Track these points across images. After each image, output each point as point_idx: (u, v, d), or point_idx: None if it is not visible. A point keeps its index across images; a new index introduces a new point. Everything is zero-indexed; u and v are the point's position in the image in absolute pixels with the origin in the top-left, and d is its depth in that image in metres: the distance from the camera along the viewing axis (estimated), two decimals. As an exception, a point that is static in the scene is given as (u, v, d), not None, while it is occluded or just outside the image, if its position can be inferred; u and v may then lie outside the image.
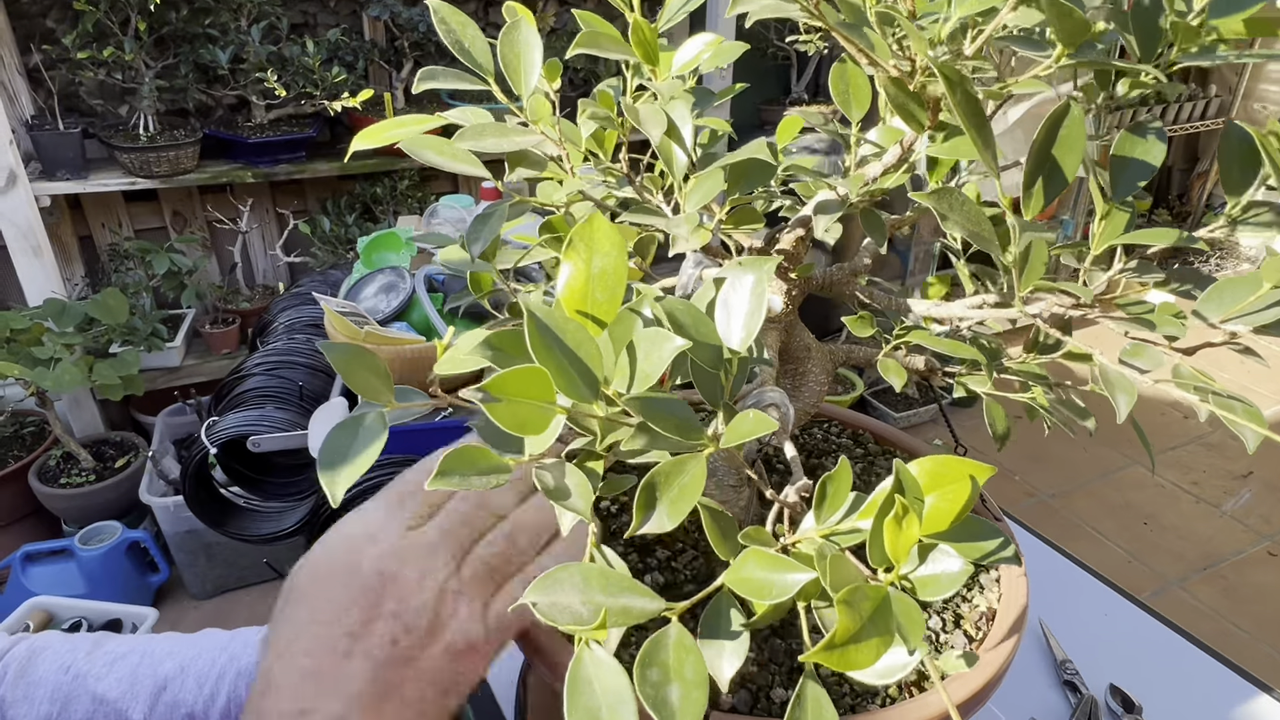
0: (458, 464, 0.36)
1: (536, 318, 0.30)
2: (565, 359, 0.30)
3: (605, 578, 0.33)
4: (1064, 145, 0.38)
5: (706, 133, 0.54)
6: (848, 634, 0.26)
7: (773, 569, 0.33)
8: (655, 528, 0.35)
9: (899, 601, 0.29)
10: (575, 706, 0.32)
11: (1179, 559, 2.18)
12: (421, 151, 0.45)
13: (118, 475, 1.95)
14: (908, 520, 0.29)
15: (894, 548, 0.29)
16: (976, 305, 0.49)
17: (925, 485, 0.31)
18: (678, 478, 0.35)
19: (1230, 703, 0.75)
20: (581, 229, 0.33)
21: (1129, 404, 0.39)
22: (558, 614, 0.33)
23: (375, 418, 0.36)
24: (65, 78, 1.98)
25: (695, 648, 0.32)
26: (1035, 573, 0.91)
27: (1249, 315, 0.39)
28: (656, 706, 0.30)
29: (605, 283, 0.33)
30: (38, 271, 1.90)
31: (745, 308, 0.34)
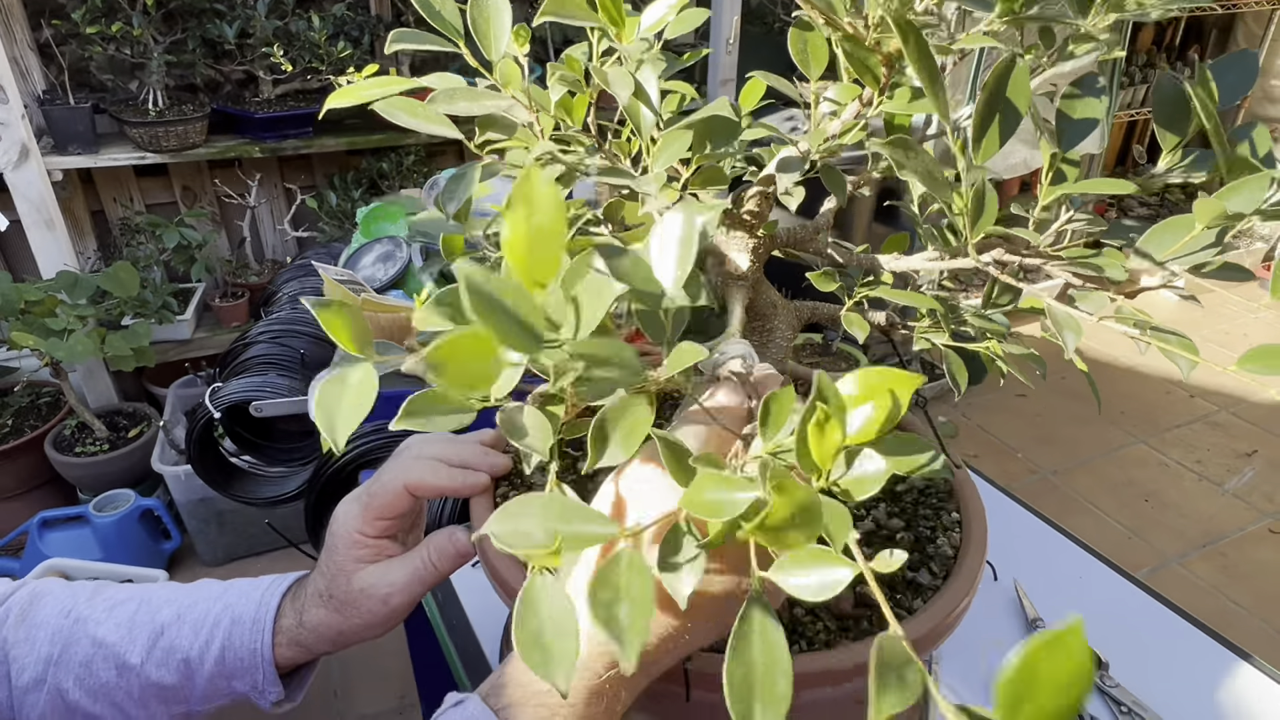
0: (423, 406, 0.39)
1: (472, 281, 0.32)
2: (505, 316, 0.32)
3: (563, 507, 0.36)
4: (1013, 90, 0.39)
5: (675, 98, 0.56)
6: (779, 519, 0.29)
7: (723, 489, 0.35)
8: (610, 460, 0.37)
9: (828, 506, 0.31)
10: (523, 627, 0.34)
11: (1179, 536, 2.18)
12: (394, 113, 0.47)
13: (130, 445, 2.00)
14: (829, 426, 0.31)
15: (819, 453, 0.31)
16: (934, 257, 0.51)
17: (859, 397, 0.33)
18: (627, 416, 0.37)
19: (1194, 659, 0.77)
20: (520, 187, 0.35)
21: (1075, 341, 0.40)
22: (517, 540, 0.35)
23: (363, 371, 0.38)
24: (75, 53, 2.00)
25: (644, 570, 0.34)
26: (1014, 537, 0.93)
27: (1185, 256, 0.40)
28: (608, 623, 0.32)
29: (544, 237, 0.35)
30: (51, 244, 1.94)
31: (675, 250, 0.36)
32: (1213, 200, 0.38)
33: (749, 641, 0.30)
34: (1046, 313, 0.43)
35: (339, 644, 0.59)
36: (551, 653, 0.33)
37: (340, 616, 0.57)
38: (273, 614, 0.59)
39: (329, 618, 0.58)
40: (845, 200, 0.50)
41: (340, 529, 0.58)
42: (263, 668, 0.58)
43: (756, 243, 0.53)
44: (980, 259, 0.46)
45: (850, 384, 0.35)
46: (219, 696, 0.60)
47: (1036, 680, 0.21)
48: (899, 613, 0.51)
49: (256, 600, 0.60)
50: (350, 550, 0.57)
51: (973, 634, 0.80)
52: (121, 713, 0.59)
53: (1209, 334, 3.19)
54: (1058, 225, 0.48)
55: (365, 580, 0.57)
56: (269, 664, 0.58)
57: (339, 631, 0.58)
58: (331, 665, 1.75)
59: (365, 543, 0.57)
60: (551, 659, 0.33)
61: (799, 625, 0.50)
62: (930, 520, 0.58)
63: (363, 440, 1.02)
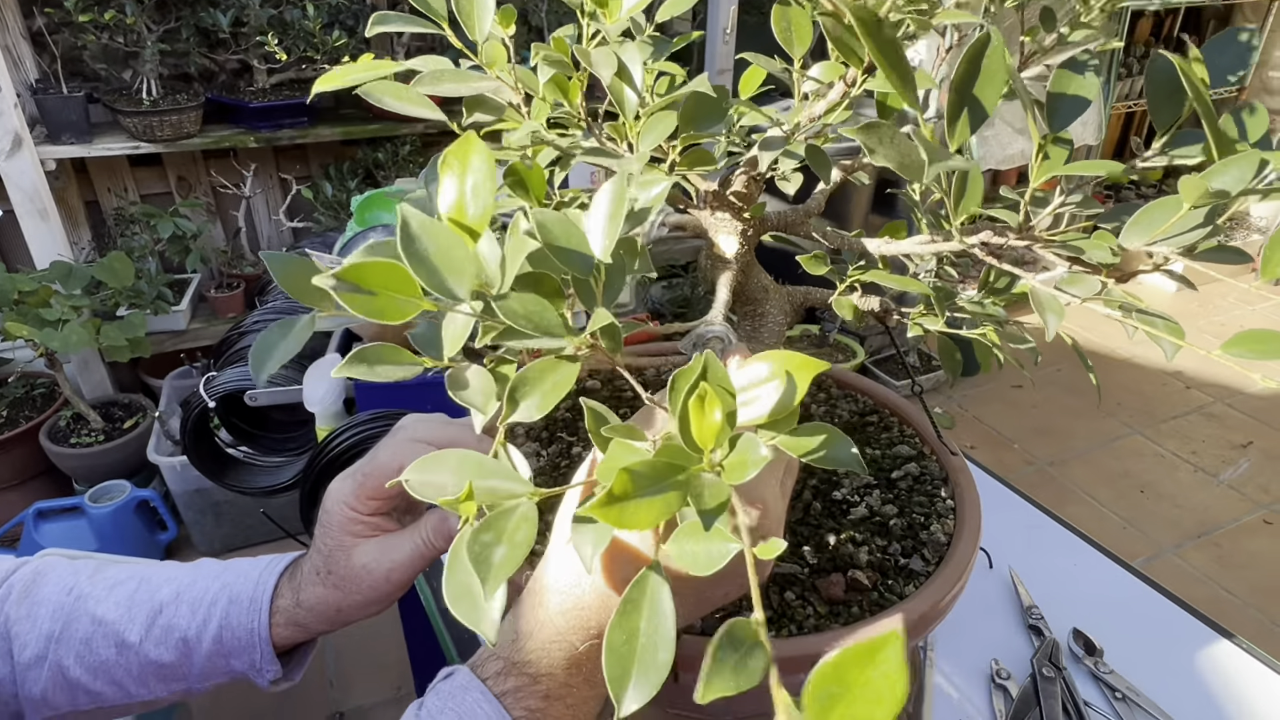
0: (369, 357, 0.39)
1: (408, 224, 0.32)
2: (435, 260, 0.32)
3: (481, 464, 0.36)
4: (985, 77, 0.39)
5: (665, 80, 0.56)
6: (624, 492, 0.29)
7: (627, 456, 0.35)
8: (523, 417, 0.37)
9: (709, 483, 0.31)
10: (452, 579, 0.35)
11: (1174, 526, 2.19)
12: (379, 95, 0.47)
13: (126, 435, 2.00)
14: (709, 404, 0.31)
15: (700, 432, 0.31)
16: (925, 241, 0.50)
17: (767, 378, 0.34)
18: (551, 375, 0.37)
19: (1188, 645, 0.77)
20: (456, 148, 0.35)
21: (1057, 323, 0.40)
22: (426, 490, 0.36)
23: (306, 319, 0.38)
24: (68, 41, 1.99)
25: (534, 520, 0.34)
26: (1009, 525, 0.93)
27: (1172, 238, 0.40)
28: (478, 562, 0.32)
29: (478, 196, 0.36)
30: (44, 234, 1.93)
31: (604, 215, 0.36)
32: (1197, 178, 0.38)
33: (637, 608, 0.31)
34: (1030, 296, 0.43)
35: (337, 622, 0.59)
36: (479, 603, 0.34)
37: (340, 593, 0.57)
38: (269, 593, 0.59)
39: (328, 595, 0.58)
40: (830, 180, 0.49)
41: (334, 506, 0.57)
42: (260, 647, 0.58)
43: (745, 226, 0.53)
44: (966, 241, 0.46)
45: (762, 364, 0.36)
46: (217, 675, 0.60)
47: (849, 687, 0.20)
48: (890, 598, 0.51)
49: (254, 580, 0.60)
50: (346, 527, 0.57)
51: (968, 621, 0.80)
52: (121, 690, 0.59)
53: (1205, 325, 3.19)
54: (1051, 209, 0.48)
55: (366, 556, 0.57)
56: (266, 643, 0.58)
57: (337, 609, 0.58)
58: (328, 655, 1.76)
59: (360, 519, 0.57)
60: (479, 609, 0.34)
61: (788, 609, 0.50)
62: (924, 507, 0.58)
63: (357, 429, 1.02)
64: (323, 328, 0.40)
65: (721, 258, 0.52)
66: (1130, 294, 0.43)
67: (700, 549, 0.30)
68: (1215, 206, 0.42)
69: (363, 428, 1.03)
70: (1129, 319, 0.40)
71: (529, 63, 0.51)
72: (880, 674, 0.20)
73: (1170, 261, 0.42)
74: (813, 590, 0.51)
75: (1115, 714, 0.69)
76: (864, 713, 0.20)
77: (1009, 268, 0.50)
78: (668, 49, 0.53)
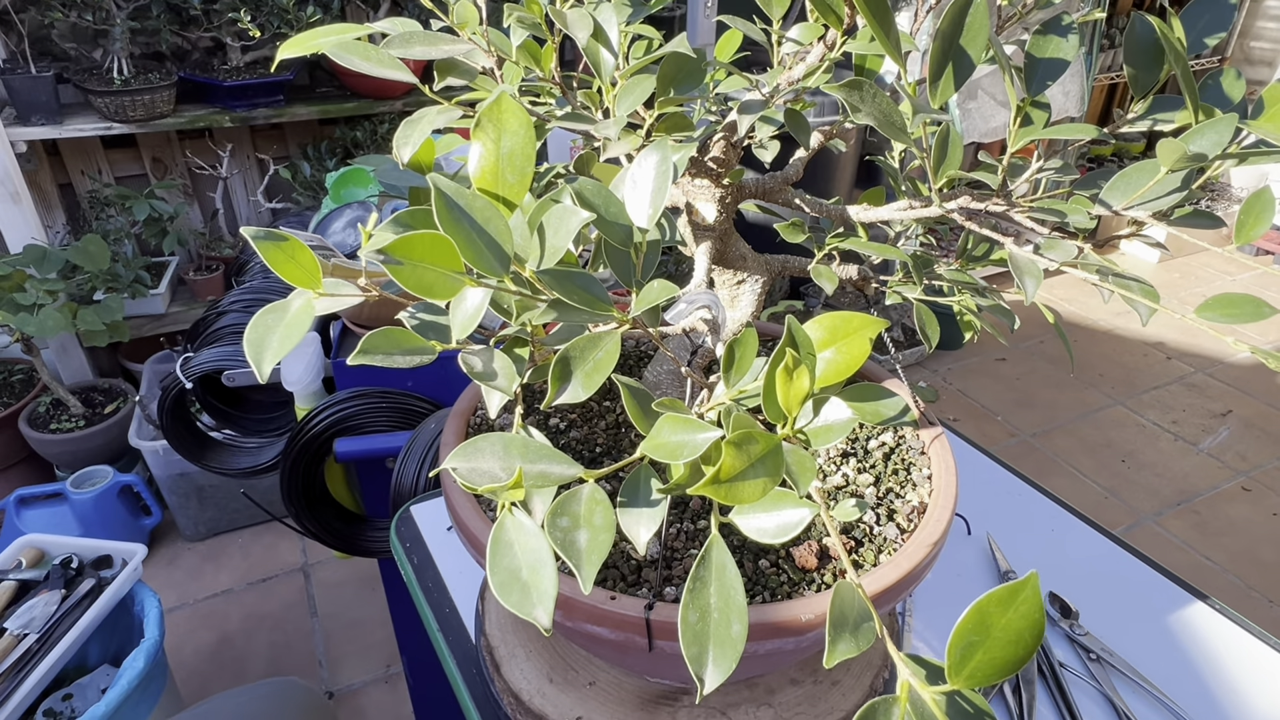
0: (381, 343, 0.38)
1: (444, 193, 0.31)
2: (473, 232, 0.31)
3: (525, 446, 0.35)
4: (969, 32, 0.39)
5: (643, 44, 0.55)
6: (733, 471, 0.28)
7: (684, 431, 0.34)
8: (570, 397, 0.36)
9: (792, 452, 0.31)
10: (497, 567, 0.34)
11: (1154, 495, 2.22)
12: (348, 57, 0.46)
13: (107, 421, 1.97)
14: (799, 373, 0.30)
15: (786, 400, 0.31)
16: (904, 208, 0.50)
17: (823, 341, 0.33)
18: (593, 351, 0.36)
19: (1164, 607, 0.78)
20: (490, 110, 0.34)
21: (1035, 286, 0.40)
22: (477, 478, 0.35)
23: (303, 300, 0.37)
24: (35, 20, 1.94)
25: (606, 500, 0.33)
26: (988, 493, 0.94)
27: (1150, 202, 0.40)
28: (565, 548, 0.32)
29: (514, 163, 0.34)
30: (17, 218, 1.90)
31: (651, 185, 0.35)
32: (1176, 141, 0.38)
33: (706, 585, 0.30)
34: (1008, 260, 0.43)
35: None
36: (530, 589, 0.33)
37: None
38: None
39: None
40: (809, 146, 0.49)
41: None
42: None
43: (723, 193, 0.52)
44: (946, 206, 0.46)
45: (815, 328, 0.35)
46: None
47: (989, 631, 0.21)
48: (864, 567, 0.51)
49: None
50: None
51: (946, 588, 0.81)
52: None
53: (1186, 296, 3.22)
54: (1029, 174, 0.48)
55: None
56: None
57: None
58: (317, 637, 1.76)
59: None
60: (530, 595, 0.33)
61: (762, 576, 0.50)
62: (901, 476, 0.58)
63: (335, 408, 1.01)
64: (321, 310, 0.39)
65: (700, 225, 0.52)
66: (1109, 260, 0.43)
67: (771, 520, 0.30)
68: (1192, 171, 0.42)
69: (342, 405, 1.02)
70: (1105, 283, 0.40)
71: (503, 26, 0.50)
72: (1020, 614, 0.21)
73: (1146, 225, 0.42)
74: (786, 558, 0.51)
75: (1090, 674, 0.70)
76: (1002, 655, 0.20)
77: (987, 233, 0.50)
78: (645, 11, 0.53)
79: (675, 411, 0.34)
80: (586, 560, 0.30)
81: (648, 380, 0.62)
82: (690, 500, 0.54)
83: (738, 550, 0.51)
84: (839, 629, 0.25)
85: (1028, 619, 0.21)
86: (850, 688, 0.62)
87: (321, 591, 1.87)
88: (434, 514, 0.85)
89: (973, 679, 0.21)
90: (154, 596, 1.35)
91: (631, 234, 0.34)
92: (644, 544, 0.34)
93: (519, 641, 0.66)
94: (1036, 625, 0.21)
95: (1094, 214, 0.42)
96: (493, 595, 0.73)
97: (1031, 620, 0.21)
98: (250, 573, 1.91)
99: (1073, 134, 0.43)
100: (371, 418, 1.02)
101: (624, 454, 0.59)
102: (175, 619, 1.79)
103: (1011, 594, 0.21)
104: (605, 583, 0.48)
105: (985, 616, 0.21)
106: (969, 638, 0.21)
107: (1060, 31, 0.44)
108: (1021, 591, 0.21)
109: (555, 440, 0.61)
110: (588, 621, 0.45)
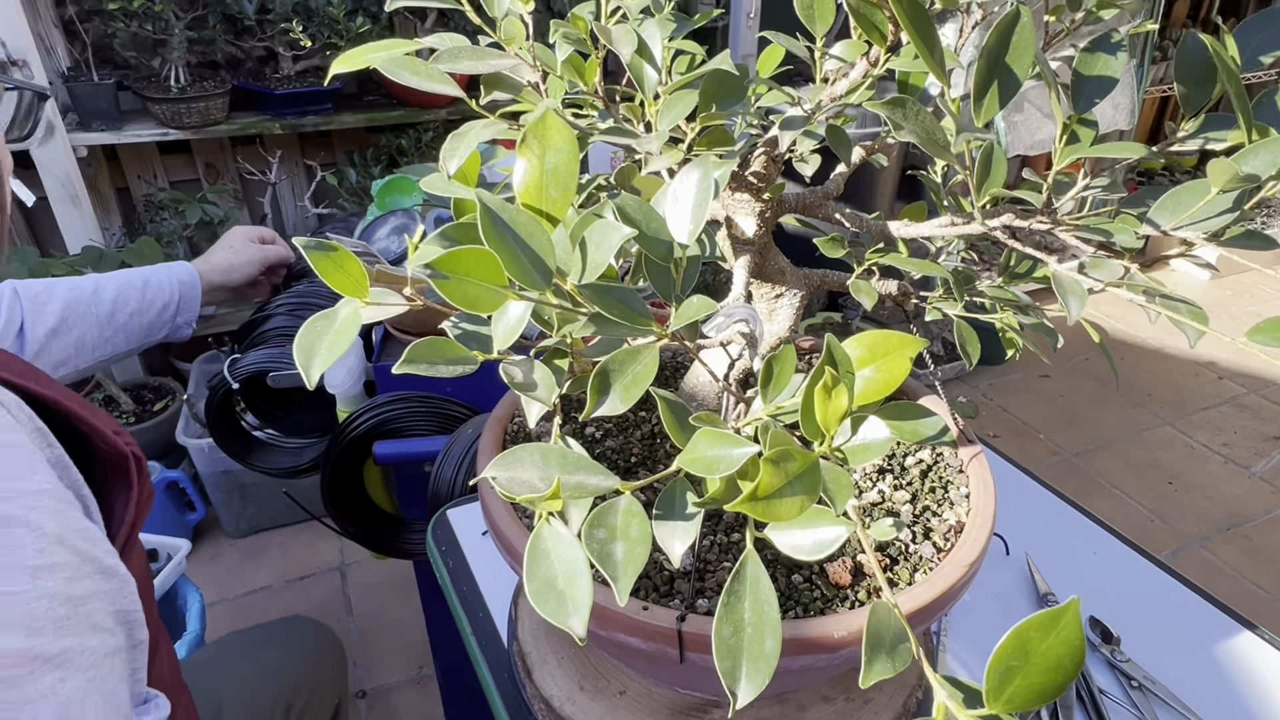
0: (426, 353, 0.39)
1: (489, 208, 0.32)
2: (517, 247, 0.32)
3: (564, 457, 0.36)
4: (1016, 51, 0.38)
5: (685, 59, 0.55)
6: (770, 489, 0.28)
7: (721, 446, 0.34)
8: (609, 410, 0.37)
9: (829, 470, 0.31)
10: (534, 575, 0.34)
11: (1203, 518, 2.15)
12: (398, 72, 0.47)
13: (156, 418, 2.03)
14: (837, 391, 0.30)
15: (824, 418, 0.31)
16: (945, 224, 0.50)
17: (862, 359, 0.33)
18: (632, 365, 0.37)
19: (1210, 635, 0.76)
20: (535, 126, 0.35)
21: (1079, 306, 0.39)
22: (516, 488, 0.35)
23: (350, 308, 0.38)
24: (99, 30, 2.02)
25: (642, 513, 0.34)
26: (1028, 513, 0.92)
27: (1200, 223, 0.39)
28: (602, 559, 0.32)
29: (558, 178, 0.35)
30: (76, 220, 1.97)
31: (692, 201, 0.35)
32: (1228, 161, 0.37)
33: (740, 599, 0.30)
34: (1052, 280, 0.42)
35: None
36: (565, 598, 0.33)
37: None
38: None
39: None
40: (850, 162, 0.49)
41: None
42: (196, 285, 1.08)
43: (763, 207, 0.52)
44: (989, 224, 0.45)
45: (854, 346, 0.35)
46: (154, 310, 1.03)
47: (1029, 656, 0.21)
48: (898, 585, 0.51)
49: None
50: None
51: (983, 608, 0.79)
52: None
53: (1238, 313, 3.12)
54: (1074, 191, 0.47)
55: None
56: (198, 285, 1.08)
57: None
58: (352, 636, 1.78)
59: None
60: (565, 604, 0.33)
61: (795, 591, 0.50)
62: (938, 494, 0.58)
63: (375, 411, 1.03)
64: (368, 319, 0.40)
65: (739, 239, 0.52)
66: (1155, 280, 0.42)
67: (807, 537, 0.30)
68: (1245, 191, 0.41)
69: (382, 409, 1.04)
70: (1152, 304, 0.39)
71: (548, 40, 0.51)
72: (1060, 640, 0.21)
73: (1196, 246, 0.41)
74: (820, 574, 0.51)
75: (1131, 702, 0.68)
76: (1041, 681, 0.20)
77: (1031, 251, 0.49)
78: (688, 26, 0.53)
79: (712, 426, 0.34)
80: (623, 572, 0.30)
81: (684, 390, 0.62)
82: (724, 513, 0.54)
83: (771, 564, 0.51)
84: (875, 649, 0.25)
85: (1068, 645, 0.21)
86: (883, 706, 0.62)
87: (357, 591, 1.90)
88: (470, 518, 0.86)
89: (1011, 704, 0.21)
90: (196, 591, 1.38)
91: (672, 249, 0.35)
92: (679, 557, 0.34)
93: (550, 648, 0.66)
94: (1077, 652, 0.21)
95: (1141, 234, 0.42)
96: (525, 601, 0.73)
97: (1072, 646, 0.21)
98: (288, 570, 1.95)
99: (1120, 153, 0.43)
100: (410, 421, 1.04)
101: (659, 464, 0.60)
102: (215, 613, 1.83)
103: (1052, 619, 0.21)
104: (638, 593, 0.48)
105: (1025, 641, 0.21)
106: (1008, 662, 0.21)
107: (1109, 49, 0.43)
108: (1062, 617, 0.21)
109: (591, 449, 0.62)
110: (620, 631, 0.46)
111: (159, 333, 1.05)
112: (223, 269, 1.14)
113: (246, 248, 1.17)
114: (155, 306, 1.03)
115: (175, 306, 1.05)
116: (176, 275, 1.07)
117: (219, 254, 1.16)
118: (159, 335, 1.06)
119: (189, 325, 1.09)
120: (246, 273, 1.16)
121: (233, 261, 1.15)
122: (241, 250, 1.17)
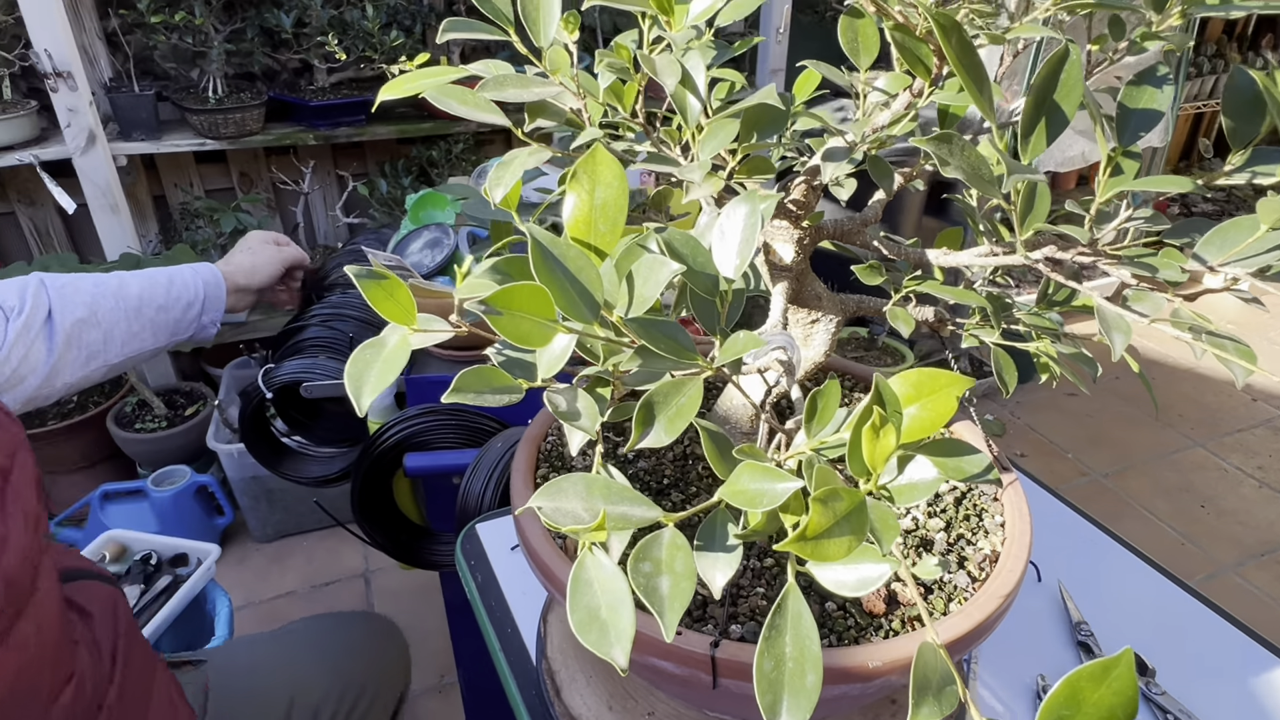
0: (473, 382, 0.39)
1: (540, 243, 0.33)
2: (566, 281, 0.33)
3: (608, 488, 0.36)
4: (1064, 88, 0.38)
5: (724, 86, 0.56)
6: (819, 529, 0.28)
7: (764, 480, 0.34)
8: (653, 442, 0.37)
9: (875, 509, 0.31)
10: (577, 605, 0.34)
11: (1236, 544, 2.11)
12: (445, 100, 0.48)
13: (188, 423, 2.06)
14: (885, 431, 0.30)
15: (872, 457, 0.31)
16: (985, 254, 0.50)
17: (908, 397, 0.33)
18: (676, 397, 0.37)
19: (1246, 666, 0.75)
20: (585, 161, 0.35)
21: (1124, 342, 0.39)
22: (561, 518, 0.36)
23: (399, 336, 0.39)
24: (140, 41, 2.06)
25: (686, 547, 0.34)
26: (1060, 538, 0.91)
27: (1248, 259, 0.39)
28: (648, 594, 0.32)
29: (607, 213, 0.35)
30: (115, 228, 2.01)
31: (739, 237, 0.35)
32: (1278, 199, 0.37)
33: (781, 633, 0.30)
34: (1096, 314, 0.42)
35: None
36: (608, 628, 0.34)
37: None
38: None
39: None
40: (892, 192, 0.49)
41: None
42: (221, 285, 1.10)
43: (801, 234, 0.52)
44: (1031, 256, 0.45)
45: (900, 384, 0.35)
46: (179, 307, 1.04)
47: (1080, 706, 0.21)
48: (933, 614, 0.51)
49: None
50: None
51: (1014, 636, 0.79)
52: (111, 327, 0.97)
53: (1276, 336, 3.07)
54: (1116, 223, 0.47)
55: None
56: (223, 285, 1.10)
57: None
58: (374, 642, 1.80)
59: None
60: (608, 634, 0.33)
61: (829, 619, 0.49)
62: (972, 522, 0.57)
63: (406, 423, 1.04)
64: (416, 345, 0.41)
65: (777, 265, 0.52)
66: (1198, 313, 0.42)
67: (851, 574, 0.30)
68: (1292, 224, 0.41)
69: (412, 421, 1.05)
70: (1198, 340, 0.39)
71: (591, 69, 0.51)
72: (1112, 691, 0.21)
73: (1240, 281, 0.41)
74: (854, 602, 0.51)
75: (1170, 738, 0.67)
76: None
77: (1069, 282, 0.49)
78: (727, 54, 0.54)
79: (754, 459, 0.34)
80: (669, 607, 0.30)
81: (716, 413, 0.63)
82: (758, 538, 0.54)
83: (805, 591, 0.51)
84: (922, 692, 0.25)
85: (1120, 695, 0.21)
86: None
87: (381, 599, 1.91)
88: (499, 533, 0.87)
89: (1064, 754, 0.21)
90: (225, 596, 1.40)
91: (717, 283, 0.35)
92: (720, 588, 0.34)
93: (579, 667, 0.66)
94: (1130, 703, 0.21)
95: (1187, 269, 0.42)
96: (555, 619, 0.74)
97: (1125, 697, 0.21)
98: (314, 576, 1.97)
99: (1166, 186, 0.42)
100: (440, 434, 1.05)
101: (690, 485, 0.60)
102: (241, 617, 1.85)
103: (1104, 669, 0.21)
104: (672, 617, 0.48)
105: (1076, 691, 0.21)
106: (1059, 712, 0.21)
107: (1155, 82, 0.43)
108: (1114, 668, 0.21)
109: (623, 470, 0.62)
110: (654, 656, 0.46)
111: (185, 331, 1.07)
112: (246, 269, 1.15)
113: (264, 249, 1.19)
114: (180, 304, 1.04)
115: (201, 305, 1.06)
116: (201, 275, 1.09)
117: (239, 255, 1.18)
118: (185, 334, 1.07)
119: (214, 324, 1.10)
120: (269, 273, 1.18)
121: (255, 263, 1.17)
122: (260, 251, 1.19)
